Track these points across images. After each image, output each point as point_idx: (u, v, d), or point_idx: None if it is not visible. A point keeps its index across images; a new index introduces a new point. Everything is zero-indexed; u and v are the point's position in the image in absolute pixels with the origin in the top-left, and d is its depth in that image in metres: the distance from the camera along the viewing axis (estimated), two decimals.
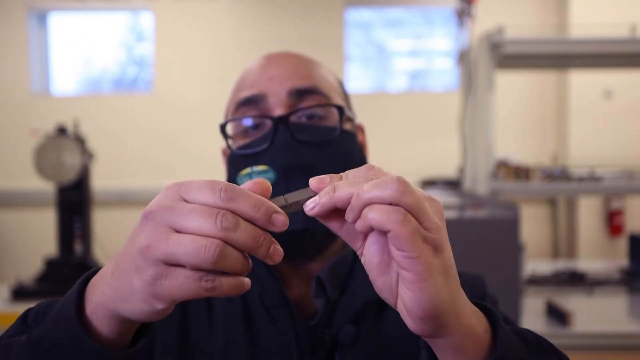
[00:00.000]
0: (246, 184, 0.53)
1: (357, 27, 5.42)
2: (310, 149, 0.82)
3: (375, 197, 0.50)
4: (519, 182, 2.72)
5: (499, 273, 1.93)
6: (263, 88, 0.85)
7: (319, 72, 0.89)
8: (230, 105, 0.90)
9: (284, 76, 0.85)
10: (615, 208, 4.76)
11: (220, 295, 0.49)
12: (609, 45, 2.71)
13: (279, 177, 0.81)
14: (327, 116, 0.85)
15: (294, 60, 0.89)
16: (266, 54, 0.93)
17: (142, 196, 5.00)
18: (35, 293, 2.86)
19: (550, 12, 5.07)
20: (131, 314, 0.52)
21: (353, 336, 0.79)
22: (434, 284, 0.50)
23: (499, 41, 2.63)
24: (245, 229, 0.49)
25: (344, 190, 0.52)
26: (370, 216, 0.49)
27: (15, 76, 5.10)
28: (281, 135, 0.81)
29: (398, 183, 0.50)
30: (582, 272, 2.76)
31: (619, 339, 2.05)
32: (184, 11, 5.08)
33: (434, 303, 0.51)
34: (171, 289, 0.49)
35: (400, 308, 0.53)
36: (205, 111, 5.01)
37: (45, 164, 2.97)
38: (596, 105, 4.83)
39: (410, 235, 0.49)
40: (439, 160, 4.89)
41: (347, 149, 0.86)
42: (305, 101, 0.84)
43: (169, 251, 0.48)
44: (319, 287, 0.82)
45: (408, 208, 0.50)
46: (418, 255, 0.49)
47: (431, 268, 0.50)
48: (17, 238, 5.04)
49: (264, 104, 0.84)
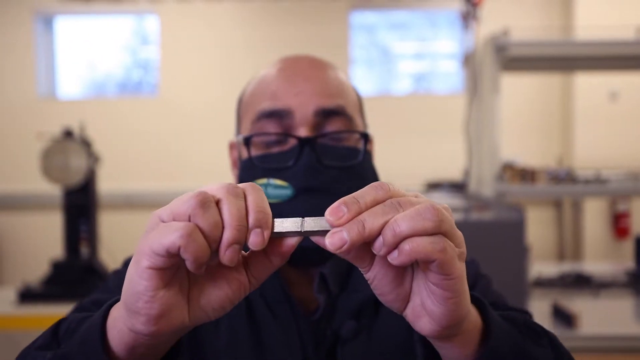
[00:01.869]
0: None
1: (362, 30, 5.43)
2: (332, 173, 0.83)
3: (416, 231, 0.49)
4: (525, 185, 2.71)
5: (504, 275, 1.93)
6: (289, 103, 0.84)
7: (343, 87, 0.89)
8: (248, 109, 0.89)
9: (311, 93, 0.85)
10: (621, 210, 4.75)
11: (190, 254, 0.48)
12: (614, 47, 2.71)
13: (296, 196, 0.82)
14: (350, 136, 0.87)
15: (320, 74, 0.88)
16: (286, 59, 0.91)
17: (148, 199, 5.02)
18: (42, 296, 2.87)
19: (555, 14, 5.07)
20: (133, 301, 0.52)
21: (354, 331, 0.81)
22: (464, 297, 0.53)
23: (504, 43, 2.63)
24: (214, 213, 0.50)
25: (373, 224, 0.50)
26: (412, 249, 0.49)
27: (22, 80, 5.13)
28: (306, 157, 0.81)
29: (435, 212, 0.50)
30: (588, 275, 2.76)
31: (625, 341, 2.04)
32: (189, 14, 5.10)
33: (461, 313, 0.53)
34: (150, 240, 0.50)
35: (415, 313, 0.54)
36: (210, 114, 5.03)
37: (51, 167, 2.98)
38: (602, 108, 4.82)
39: (453, 260, 0.50)
40: (444, 163, 4.88)
41: (367, 172, 0.88)
42: (331, 122, 0.85)
43: None
44: (321, 284, 0.84)
45: (445, 233, 0.50)
46: (457, 276, 0.51)
47: (463, 282, 0.52)
48: (23, 241, 5.06)
49: (288, 120, 0.84)
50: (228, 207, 0.50)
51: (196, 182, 5.02)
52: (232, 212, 0.50)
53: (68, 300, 2.86)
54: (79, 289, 2.90)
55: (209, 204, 0.50)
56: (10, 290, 3.09)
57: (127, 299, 0.52)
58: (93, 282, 2.94)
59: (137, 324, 0.52)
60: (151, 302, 0.51)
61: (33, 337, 0.65)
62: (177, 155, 5.09)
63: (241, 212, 0.51)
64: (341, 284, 0.85)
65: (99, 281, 2.96)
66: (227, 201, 0.51)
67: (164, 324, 0.52)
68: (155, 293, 0.51)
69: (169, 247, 0.48)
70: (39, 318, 2.75)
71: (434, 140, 5.06)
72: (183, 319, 0.53)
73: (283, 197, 0.82)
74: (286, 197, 0.81)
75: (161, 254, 0.49)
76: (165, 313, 0.52)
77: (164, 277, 0.51)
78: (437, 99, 5.22)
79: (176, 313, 0.53)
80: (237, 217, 0.50)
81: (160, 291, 0.51)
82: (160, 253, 0.49)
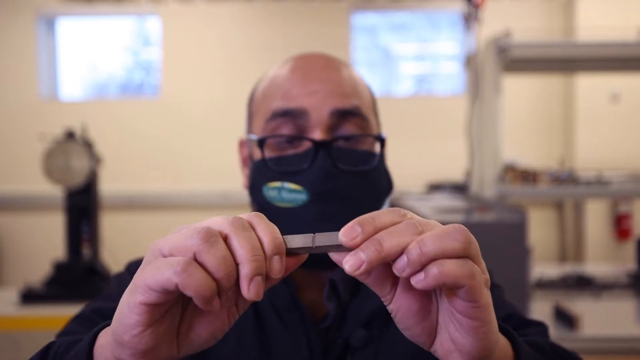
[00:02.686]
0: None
1: (363, 31, 5.43)
2: (348, 177, 0.82)
3: (444, 251, 0.47)
4: (526, 186, 2.71)
5: (506, 276, 1.93)
6: (303, 103, 0.83)
7: (357, 86, 0.88)
8: (261, 108, 0.88)
9: (326, 93, 0.83)
10: (623, 212, 4.75)
11: (190, 290, 0.46)
12: (616, 48, 2.71)
13: (311, 200, 0.80)
14: (365, 139, 0.85)
15: (334, 74, 0.87)
16: (300, 57, 0.90)
17: (149, 200, 5.02)
18: (44, 296, 2.88)
19: (556, 16, 5.07)
20: (121, 333, 0.50)
21: (365, 340, 0.79)
22: (492, 326, 0.50)
23: (505, 45, 2.63)
24: (220, 248, 0.48)
25: (392, 243, 0.48)
26: (442, 272, 0.46)
27: (24, 81, 5.14)
28: (321, 160, 0.80)
29: (464, 234, 0.48)
30: (590, 276, 2.76)
31: (626, 343, 2.04)
32: (190, 16, 5.11)
33: (491, 343, 0.51)
34: (146, 274, 0.48)
35: (445, 348, 0.52)
36: (212, 116, 5.04)
37: (53, 168, 2.98)
38: (603, 109, 4.82)
39: (480, 286, 0.48)
40: (445, 165, 4.88)
41: (381, 176, 0.87)
42: (347, 124, 0.83)
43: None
44: (332, 290, 0.82)
45: (473, 258, 0.49)
46: (485, 303, 0.49)
47: (491, 310, 0.50)
48: (25, 242, 5.07)
49: (303, 120, 0.82)
50: (239, 241, 0.49)
51: (198, 184, 5.03)
52: (244, 245, 0.48)
53: (70, 301, 2.86)
54: (81, 289, 2.91)
55: (215, 238, 0.48)
56: (12, 291, 3.10)
57: (116, 328, 0.51)
58: (95, 283, 2.95)
59: (124, 355, 0.51)
60: (139, 337, 0.49)
61: (35, 338, 0.65)
62: (179, 156, 5.10)
63: (255, 243, 0.49)
64: (352, 291, 0.83)
65: (101, 282, 2.97)
66: (237, 235, 0.49)
67: (151, 358, 0.51)
68: (144, 329, 0.49)
69: (164, 283, 0.47)
70: (40, 319, 2.75)
71: (436, 142, 5.06)
72: (171, 354, 0.52)
73: (297, 202, 0.80)
74: (301, 202, 0.80)
75: (156, 289, 0.48)
76: (153, 348, 0.51)
77: (156, 313, 0.50)
78: (439, 101, 5.22)
79: (164, 348, 0.52)
80: (252, 249, 0.48)
81: (150, 327, 0.50)
82: (155, 289, 0.48)
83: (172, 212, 5.01)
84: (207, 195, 4.98)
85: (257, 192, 0.85)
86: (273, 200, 0.82)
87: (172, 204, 5.02)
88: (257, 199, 0.85)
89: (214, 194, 4.96)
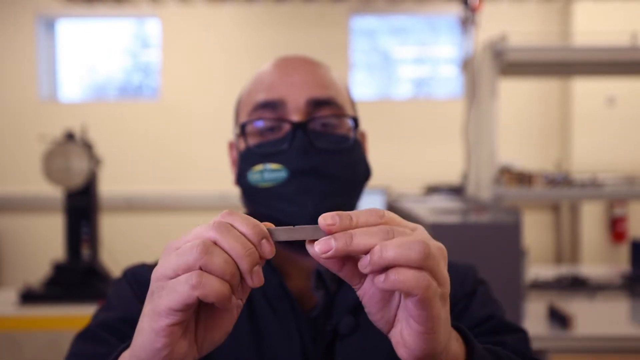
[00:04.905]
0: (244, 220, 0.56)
1: (362, 35, 5.46)
2: (324, 155, 0.87)
3: (401, 260, 0.51)
4: (522, 188, 2.74)
5: (501, 277, 1.95)
6: (282, 94, 0.89)
7: (335, 83, 0.94)
8: (246, 104, 0.94)
9: (303, 84, 0.90)
10: (618, 215, 4.78)
11: (212, 297, 0.51)
12: (612, 53, 2.74)
13: (290, 178, 0.86)
14: (340, 125, 0.91)
15: (313, 69, 0.93)
16: (282, 57, 0.96)
17: (148, 202, 5.04)
18: (43, 297, 2.89)
19: (553, 20, 5.10)
20: (150, 357, 0.54)
21: (352, 326, 0.84)
22: (439, 335, 0.55)
23: (502, 48, 2.66)
24: (222, 250, 0.52)
25: (361, 240, 0.52)
26: (397, 279, 0.51)
27: (24, 82, 5.16)
28: (299, 140, 0.86)
29: (424, 247, 0.52)
30: (584, 277, 2.78)
31: (619, 342, 2.07)
32: (190, 18, 5.13)
33: (435, 348, 0.55)
34: (163, 299, 0.52)
35: (396, 339, 0.57)
36: (211, 118, 5.06)
37: (53, 169, 3.00)
38: (599, 113, 4.85)
39: (433, 298, 0.52)
40: (443, 167, 4.91)
41: (356, 158, 0.92)
42: (322, 111, 0.89)
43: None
44: (318, 280, 0.87)
45: (430, 271, 0.52)
46: (435, 315, 0.53)
47: (440, 321, 0.54)
48: (25, 242, 5.09)
49: (282, 109, 0.89)
50: (229, 242, 0.53)
51: (196, 185, 5.05)
52: (235, 245, 0.52)
53: (69, 301, 2.88)
54: (80, 290, 2.93)
55: (211, 248, 0.52)
56: (12, 292, 3.12)
57: (140, 354, 0.55)
58: (94, 284, 2.97)
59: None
60: (169, 356, 0.54)
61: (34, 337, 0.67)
62: (178, 158, 5.12)
63: (242, 239, 0.53)
64: (339, 280, 0.87)
65: (100, 283, 2.98)
66: (225, 238, 0.53)
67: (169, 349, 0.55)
68: (172, 348, 0.54)
69: (186, 300, 0.51)
70: (40, 319, 2.77)
71: (434, 145, 5.08)
72: (194, 358, 0.57)
73: (278, 180, 0.86)
74: (281, 180, 0.86)
75: (179, 308, 0.52)
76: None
77: (179, 330, 0.54)
78: (437, 104, 5.25)
79: (189, 358, 0.56)
80: (242, 246, 0.53)
81: (177, 343, 0.54)
82: (178, 308, 0.52)
83: (171, 214, 5.03)
84: (206, 197, 5.00)
85: (243, 179, 0.91)
86: (257, 183, 0.88)
87: (170, 206, 5.04)
88: (243, 185, 0.91)
89: (212, 196, 4.98)
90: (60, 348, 2.70)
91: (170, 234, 4.79)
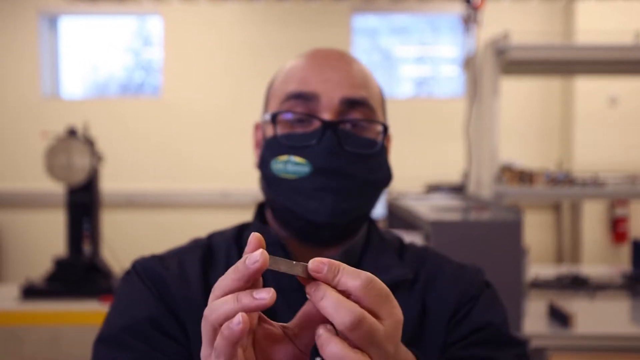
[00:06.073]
0: (251, 238, 0.56)
1: (363, 34, 5.46)
2: (350, 158, 0.87)
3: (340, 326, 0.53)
4: (523, 187, 2.74)
5: (501, 275, 1.95)
6: (317, 88, 0.89)
7: (369, 82, 0.93)
8: (277, 93, 0.93)
9: (338, 82, 0.89)
10: (619, 215, 4.78)
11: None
12: (614, 52, 2.74)
13: (312, 174, 0.86)
14: (370, 128, 0.91)
15: (349, 67, 0.92)
16: (317, 50, 0.97)
17: (149, 199, 5.05)
18: (45, 292, 2.90)
19: (555, 19, 5.10)
20: None
21: None
22: None
23: (504, 47, 2.66)
24: None
25: (329, 301, 0.54)
26: (324, 350, 0.53)
27: (26, 79, 5.17)
28: (328, 139, 0.86)
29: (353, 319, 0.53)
30: (585, 277, 2.78)
31: (620, 341, 2.07)
32: (192, 16, 5.13)
33: None
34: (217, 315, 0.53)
35: None
36: (213, 116, 5.07)
37: (55, 165, 3.00)
38: (601, 112, 4.85)
39: None
40: (444, 166, 4.91)
41: (380, 164, 0.92)
42: (354, 111, 0.89)
43: None
44: None
45: (360, 341, 0.54)
46: None
47: None
48: (27, 238, 5.10)
49: (314, 104, 0.88)
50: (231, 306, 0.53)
51: (198, 183, 5.05)
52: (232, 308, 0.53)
53: (70, 296, 2.89)
54: (81, 286, 2.94)
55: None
56: (14, 287, 3.12)
57: None
58: (95, 280, 2.98)
59: None
60: None
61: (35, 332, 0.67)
62: (179, 155, 5.12)
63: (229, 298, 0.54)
64: None
65: (101, 279, 2.99)
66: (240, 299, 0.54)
67: None
68: None
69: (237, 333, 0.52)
70: (41, 314, 2.78)
71: (435, 144, 5.09)
72: None
73: (300, 174, 0.87)
74: (304, 174, 0.86)
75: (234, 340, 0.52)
76: None
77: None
78: (439, 103, 5.25)
79: None
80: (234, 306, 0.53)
81: None
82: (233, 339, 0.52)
83: (172, 211, 5.04)
84: (207, 195, 5.01)
85: (266, 166, 0.91)
86: (278, 173, 0.88)
87: (171, 203, 5.05)
88: (265, 172, 0.91)
89: (213, 193, 4.98)
90: (61, 343, 2.71)
91: (171, 231, 4.80)
